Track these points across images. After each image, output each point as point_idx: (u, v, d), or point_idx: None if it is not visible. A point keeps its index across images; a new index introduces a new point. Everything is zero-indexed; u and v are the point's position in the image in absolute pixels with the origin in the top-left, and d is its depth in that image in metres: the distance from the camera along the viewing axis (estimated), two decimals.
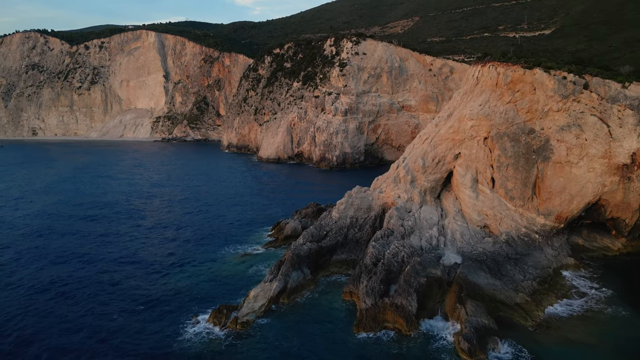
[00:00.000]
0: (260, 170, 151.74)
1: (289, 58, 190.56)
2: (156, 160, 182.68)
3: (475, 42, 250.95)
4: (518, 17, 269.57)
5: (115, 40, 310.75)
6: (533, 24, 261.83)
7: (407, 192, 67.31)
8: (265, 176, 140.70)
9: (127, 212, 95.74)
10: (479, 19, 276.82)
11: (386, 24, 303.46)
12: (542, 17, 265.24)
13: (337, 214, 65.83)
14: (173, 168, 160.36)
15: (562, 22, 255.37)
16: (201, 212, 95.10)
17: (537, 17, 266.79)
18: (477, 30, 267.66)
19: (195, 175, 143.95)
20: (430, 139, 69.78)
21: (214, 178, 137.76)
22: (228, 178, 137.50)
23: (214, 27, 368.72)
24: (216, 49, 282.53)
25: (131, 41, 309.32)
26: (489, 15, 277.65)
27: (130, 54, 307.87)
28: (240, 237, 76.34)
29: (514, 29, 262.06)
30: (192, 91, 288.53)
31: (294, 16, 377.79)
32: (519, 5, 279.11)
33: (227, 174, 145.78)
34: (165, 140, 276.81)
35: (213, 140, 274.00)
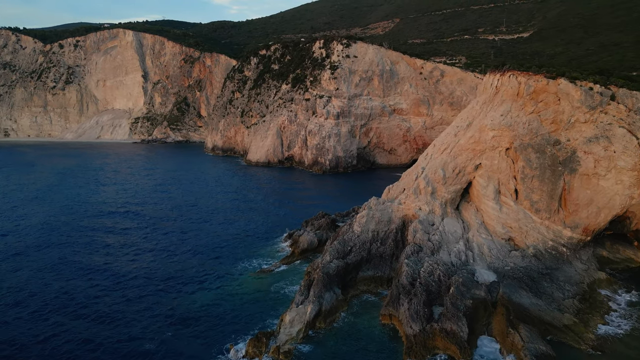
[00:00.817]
0: (251, 174, 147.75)
1: (276, 60, 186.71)
2: (142, 164, 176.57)
3: (456, 44, 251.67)
4: (497, 20, 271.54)
5: (91, 39, 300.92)
6: (511, 27, 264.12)
7: (428, 204, 65.09)
8: (259, 181, 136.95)
9: (127, 222, 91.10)
10: (459, 21, 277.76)
11: (367, 25, 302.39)
12: (520, 20, 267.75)
13: (359, 228, 63.11)
14: (161, 173, 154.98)
15: (539, 25, 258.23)
16: (204, 222, 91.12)
17: (515, 20, 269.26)
18: (458, 33, 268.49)
19: (186, 180, 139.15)
20: (450, 149, 67.70)
21: (206, 184, 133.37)
22: (221, 184, 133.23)
23: (193, 27, 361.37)
24: (197, 49, 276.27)
25: (107, 40, 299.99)
26: (468, 17, 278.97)
27: (107, 53, 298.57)
28: (253, 250, 72.91)
29: (493, 31, 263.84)
30: (172, 92, 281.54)
31: (274, 16, 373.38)
32: (497, 8, 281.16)
33: (219, 179, 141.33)
34: (145, 141, 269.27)
35: (194, 142, 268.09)
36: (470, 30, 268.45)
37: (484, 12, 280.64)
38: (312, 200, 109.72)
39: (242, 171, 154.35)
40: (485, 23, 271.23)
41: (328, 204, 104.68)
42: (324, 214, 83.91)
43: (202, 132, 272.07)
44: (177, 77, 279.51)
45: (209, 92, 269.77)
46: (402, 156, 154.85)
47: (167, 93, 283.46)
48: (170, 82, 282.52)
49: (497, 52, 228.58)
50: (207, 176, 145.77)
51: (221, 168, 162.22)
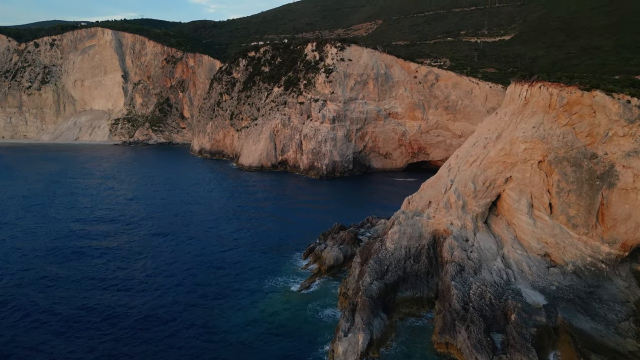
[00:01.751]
0: (246, 179, 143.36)
1: (267, 62, 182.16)
2: (129, 169, 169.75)
3: (440, 47, 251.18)
4: (478, 23, 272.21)
5: (68, 37, 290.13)
6: (493, 30, 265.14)
7: (460, 218, 62.58)
8: (256, 187, 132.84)
9: (131, 234, 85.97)
10: (441, 23, 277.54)
11: (349, 26, 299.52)
12: (501, 22, 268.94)
13: (391, 245, 60.12)
14: (151, 178, 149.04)
15: (520, 28, 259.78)
16: (211, 233, 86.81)
17: (496, 22, 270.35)
18: (440, 35, 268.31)
19: (181, 186, 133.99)
20: (480, 161, 65.27)
21: (202, 190, 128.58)
22: (217, 190, 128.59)
23: (173, 26, 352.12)
24: (179, 49, 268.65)
25: (85, 39, 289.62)
26: (451, 20, 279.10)
27: (85, 53, 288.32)
28: (274, 266, 69.17)
29: (475, 34, 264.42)
30: (153, 92, 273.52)
31: (255, 16, 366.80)
32: (478, 11, 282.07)
33: (214, 184, 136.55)
34: (126, 143, 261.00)
35: (177, 144, 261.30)
36: (453, 32, 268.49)
37: (466, 15, 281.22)
38: (316, 207, 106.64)
39: (236, 176, 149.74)
40: (468, 26, 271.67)
41: (334, 211, 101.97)
42: (340, 225, 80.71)
43: (185, 133, 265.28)
44: (159, 78, 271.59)
45: (192, 93, 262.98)
46: (397, 160, 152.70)
47: (148, 94, 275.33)
48: (151, 83, 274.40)
49: (480, 55, 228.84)
50: (201, 181, 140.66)
51: (213, 172, 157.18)
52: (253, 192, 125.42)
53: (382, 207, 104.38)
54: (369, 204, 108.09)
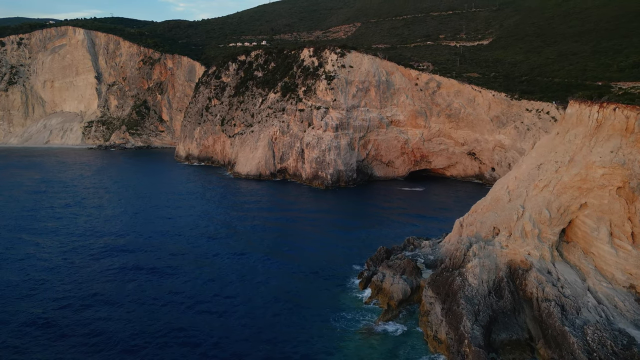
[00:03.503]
0: (247, 191, 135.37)
1: (260, 66, 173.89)
2: (116, 176, 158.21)
3: (420, 50, 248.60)
4: (456, 27, 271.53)
5: (37, 36, 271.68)
6: (471, 34, 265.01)
7: (538, 248, 58.02)
8: (263, 200, 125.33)
9: (154, 263, 77.35)
10: (420, 27, 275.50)
11: (328, 28, 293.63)
12: (478, 27, 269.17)
13: (474, 280, 54.86)
14: (145, 187, 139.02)
15: (497, 33, 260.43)
16: (241, 256, 79.19)
17: (473, 27, 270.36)
18: (420, 38, 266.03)
19: (182, 198, 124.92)
20: (552, 186, 60.84)
21: (204, 204, 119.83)
22: (220, 204, 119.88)
23: (146, 25, 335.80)
24: (156, 50, 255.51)
25: (55, 38, 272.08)
26: (429, 24, 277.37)
27: (55, 52, 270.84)
28: (330, 300, 62.53)
29: (454, 38, 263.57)
30: (130, 94, 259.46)
31: (230, 17, 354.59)
32: (455, 15, 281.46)
33: (213, 197, 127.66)
34: (102, 147, 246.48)
35: (156, 148, 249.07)
36: (432, 36, 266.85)
37: (444, 19, 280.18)
38: (336, 223, 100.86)
39: (235, 186, 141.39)
40: (446, 30, 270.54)
41: (357, 227, 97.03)
42: (386, 249, 75.04)
43: (164, 137, 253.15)
44: (136, 79, 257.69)
45: (171, 95, 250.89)
46: (399, 168, 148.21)
47: (124, 96, 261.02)
48: (127, 84, 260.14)
49: (461, 59, 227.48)
50: (197, 193, 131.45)
51: (208, 182, 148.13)
52: (262, 207, 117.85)
53: (403, 223, 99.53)
54: (389, 220, 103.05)
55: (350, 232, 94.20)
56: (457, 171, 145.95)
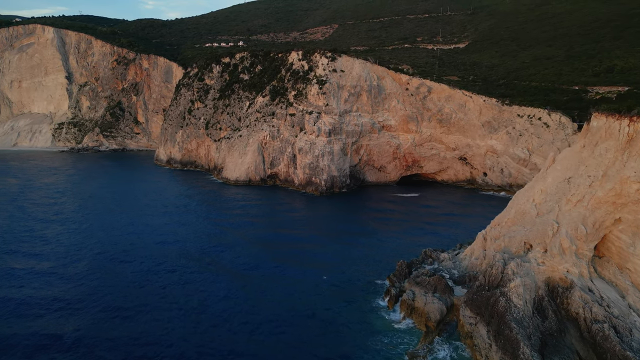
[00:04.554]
0: (239, 197, 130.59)
1: (246, 69, 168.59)
2: (94, 182, 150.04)
3: (398, 53, 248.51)
4: (433, 30, 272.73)
5: (3, 34, 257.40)
6: (447, 37, 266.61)
7: (576, 265, 56.47)
8: (260, 207, 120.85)
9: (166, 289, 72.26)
10: (397, 29, 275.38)
11: (305, 29, 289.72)
12: (454, 31, 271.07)
13: (520, 301, 52.74)
14: (129, 194, 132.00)
15: (472, 37, 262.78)
16: (252, 271, 75.02)
17: (449, 30, 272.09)
18: (398, 41, 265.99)
19: (165, 205, 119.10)
20: (587, 201, 59.47)
21: (198, 210, 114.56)
22: (215, 211, 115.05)
23: (117, 24, 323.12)
24: (131, 50, 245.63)
25: (22, 36, 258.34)
26: (406, 26, 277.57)
27: (22, 51, 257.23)
28: (360, 322, 59.13)
29: (431, 41, 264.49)
30: (103, 95, 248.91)
31: (205, 16, 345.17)
32: (431, 19, 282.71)
33: (205, 204, 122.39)
34: (74, 150, 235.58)
35: (132, 150, 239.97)
36: (410, 39, 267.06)
37: (420, 22, 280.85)
38: (339, 230, 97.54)
39: (225, 193, 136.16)
40: (423, 32, 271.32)
41: (363, 236, 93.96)
42: (407, 264, 72.45)
43: (139, 139, 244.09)
44: (109, 80, 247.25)
45: (147, 96, 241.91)
46: (391, 173, 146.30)
47: (96, 96, 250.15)
48: (100, 85, 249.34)
49: (440, 62, 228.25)
50: (186, 201, 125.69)
51: (195, 189, 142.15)
52: (259, 215, 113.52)
53: (408, 232, 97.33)
54: (392, 228, 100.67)
55: (357, 242, 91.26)
56: (448, 176, 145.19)
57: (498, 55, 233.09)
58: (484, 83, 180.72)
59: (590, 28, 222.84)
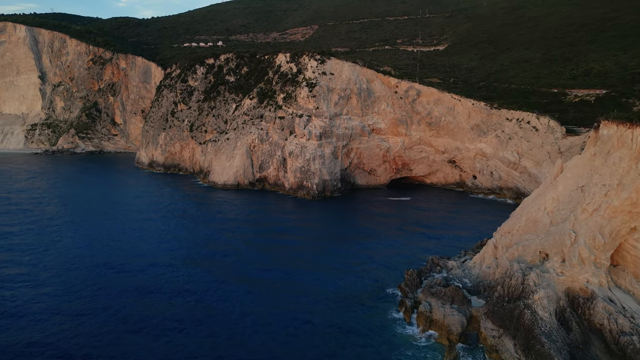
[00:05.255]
0: (229, 202, 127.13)
1: (231, 71, 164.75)
2: (73, 186, 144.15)
3: (379, 54, 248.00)
4: (412, 32, 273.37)
5: None
6: (426, 40, 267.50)
7: (595, 275, 56.05)
8: (252, 213, 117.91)
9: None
10: (377, 31, 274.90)
11: (285, 30, 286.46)
12: (433, 33, 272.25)
13: (545, 314, 51.84)
14: (112, 200, 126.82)
15: (451, 39, 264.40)
16: (257, 281, 72.36)
17: (428, 33, 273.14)
18: (378, 43, 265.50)
19: (151, 211, 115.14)
20: (603, 210, 59.13)
21: (187, 217, 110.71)
22: (205, 217, 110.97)
23: (92, 22, 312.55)
24: (107, 49, 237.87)
25: None
26: (386, 28, 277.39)
27: None
28: (378, 333, 57.39)
29: (410, 43, 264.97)
30: (78, 95, 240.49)
31: (182, 15, 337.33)
32: (411, 21, 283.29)
33: (194, 210, 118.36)
34: (48, 152, 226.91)
35: (110, 152, 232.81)
36: (390, 40, 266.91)
37: (400, 24, 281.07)
38: (336, 234, 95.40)
39: (213, 197, 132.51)
40: (403, 34, 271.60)
41: (362, 239, 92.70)
42: (417, 272, 71.08)
43: (117, 141, 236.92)
44: (85, 80, 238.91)
45: (125, 97, 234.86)
46: (381, 176, 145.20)
47: (71, 97, 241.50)
48: (75, 85, 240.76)
49: (421, 65, 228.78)
50: (175, 206, 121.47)
51: (182, 193, 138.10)
52: (252, 221, 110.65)
53: (407, 237, 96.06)
54: (390, 233, 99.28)
55: (356, 247, 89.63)
56: (437, 179, 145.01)
57: (477, 57, 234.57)
58: (464, 85, 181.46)
59: (565, 32, 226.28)
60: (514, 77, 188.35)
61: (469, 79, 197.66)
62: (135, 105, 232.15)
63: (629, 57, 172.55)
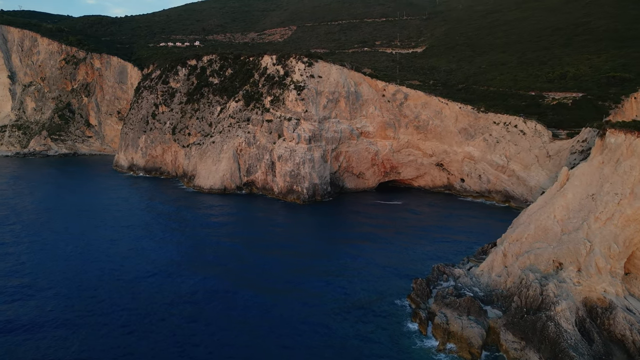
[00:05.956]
0: (218, 206, 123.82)
1: (215, 72, 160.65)
2: (49, 191, 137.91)
3: (359, 56, 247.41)
4: (390, 34, 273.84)
5: None
6: (405, 42, 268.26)
7: (612, 284, 55.92)
8: (243, 218, 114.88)
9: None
10: (356, 33, 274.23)
11: (263, 30, 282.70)
12: (411, 35, 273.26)
13: (569, 326, 51.20)
14: (102, 204, 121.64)
15: (429, 41, 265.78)
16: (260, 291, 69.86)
17: (406, 35, 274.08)
18: (357, 44, 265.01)
19: (136, 218, 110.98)
20: (616, 219, 59.09)
21: (176, 223, 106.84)
22: (195, 224, 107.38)
23: (62, 21, 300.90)
24: (81, 49, 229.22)
25: None
26: (364, 30, 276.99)
27: None
28: (397, 348, 55.94)
29: (389, 45, 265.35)
30: (50, 96, 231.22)
31: (157, 14, 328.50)
32: (389, 23, 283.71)
33: (183, 216, 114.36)
34: (19, 155, 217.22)
35: (84, 154, 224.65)
36: (369, 42, 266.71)
37: (378, 26, 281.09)
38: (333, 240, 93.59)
39: (201, 202, 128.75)
40: (381, 36, 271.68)
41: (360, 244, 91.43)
42: (426, 282, 69.89)
43: (92, 142, 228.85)
44: (57, 80, 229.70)
45: (100, 98, 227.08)
46: (369, 180, 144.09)
47: (43, 97, 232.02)
48: (47, 85, 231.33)
49: (400, 67, 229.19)
50: (162, 212, 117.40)
51: (169, 199, 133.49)
52: (244, 226, 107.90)
53: (405, 242, 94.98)
54: (388, 239, 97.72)
55: (355, 253, 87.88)
56: (424, 182, 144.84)
57: (455, 60, 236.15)
58: (444, 87, 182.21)
59: (540, 35, 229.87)
60: (492, 80, 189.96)
61: (448, 81, 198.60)
62: (110, 106, 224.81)
63: (602, 61, 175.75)
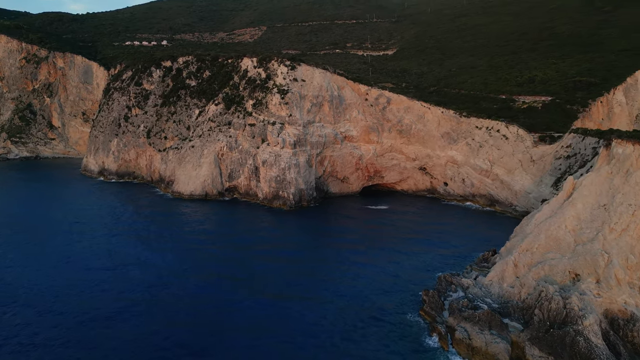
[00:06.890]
0: (200, 214, 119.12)
1: (192, 74, 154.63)
2: (22, 198, 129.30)
3: (330, 58, 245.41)
4: (361, 36, 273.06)
5: None
6: (375, 44, 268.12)
7: (632, 296, 55.99)
8: (229, 226, 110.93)
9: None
10: (327, 34, 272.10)
11: (232, 30, 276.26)
12: (382, 37, 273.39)
13: (599, 341, 50.58)
14: (73, 212, 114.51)
15: (400, 44, 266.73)
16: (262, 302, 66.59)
17: (377, 37, 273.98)
18: (329, 46, 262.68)
19: (125, 225, 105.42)
20: (631, 230, 59.22)
21: (157, 232, 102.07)
22: (179, 233, 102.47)
23: (20, 17, 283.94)
24: (43, 47, 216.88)
25: None
26: (335, 31, 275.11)
27: None
28: None
29: (360, 47, 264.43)
30: (9, 96, 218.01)
31: (121, 11, 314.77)
32: (359, 25, 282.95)
33: (163, 224, 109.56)
34: None
35: (47, 158, 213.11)
36: (340, 44, 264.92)
37: (348, 28, 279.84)
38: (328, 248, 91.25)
39: (181, 209, 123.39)
40: (352, 38, 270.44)
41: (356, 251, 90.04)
42: (436, 294, 68.41)
43: (55, 145, 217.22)
44: (17, 79, 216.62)
45: (63, 98, 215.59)
46: (354, 184, 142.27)
47: (2, 98, 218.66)
48: (6, 85, 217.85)
49: (372, 69, 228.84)
50: (141, 220, 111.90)
51: (147, 205, 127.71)
52: (232, 235, 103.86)
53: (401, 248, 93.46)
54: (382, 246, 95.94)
55: (352, 262, 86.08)
56: (408, 185, 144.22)
57: (425, 62, 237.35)
58: (416, 90, 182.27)
59: (507, 40, 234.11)
60: (464, 83, 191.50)
61: (420, 83, 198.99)
62: (75, 107, 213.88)
63: (567, 66, 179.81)
